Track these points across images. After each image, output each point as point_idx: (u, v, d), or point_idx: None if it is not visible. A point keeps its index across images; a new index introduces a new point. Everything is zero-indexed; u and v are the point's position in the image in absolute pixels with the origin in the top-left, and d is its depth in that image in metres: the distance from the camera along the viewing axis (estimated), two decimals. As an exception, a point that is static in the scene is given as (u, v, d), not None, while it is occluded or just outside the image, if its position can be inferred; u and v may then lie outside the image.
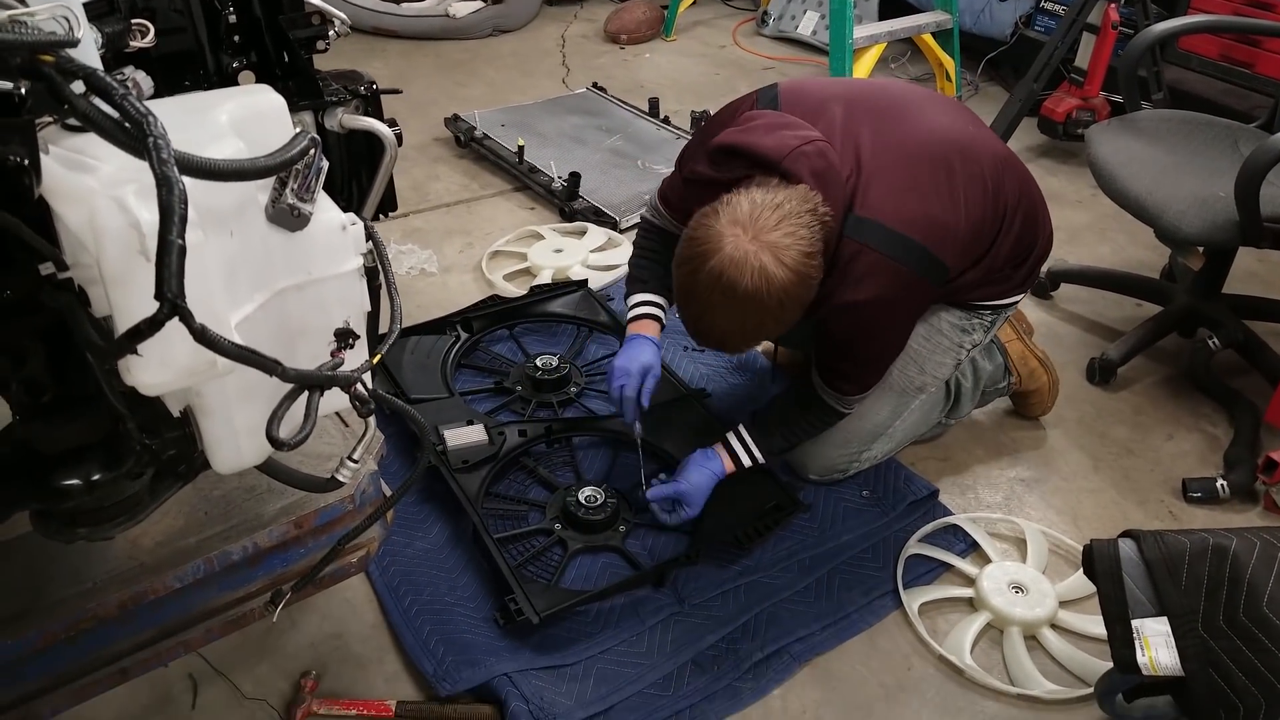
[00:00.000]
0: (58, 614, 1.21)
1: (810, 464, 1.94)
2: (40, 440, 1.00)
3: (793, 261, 1.44)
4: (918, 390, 1.91)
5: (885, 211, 1.55)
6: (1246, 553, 1.33)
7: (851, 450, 1.92)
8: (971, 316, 1.86)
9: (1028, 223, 1.77)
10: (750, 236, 1.43)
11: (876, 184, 1.56)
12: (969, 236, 1.65)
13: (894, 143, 1.62)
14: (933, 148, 1.64)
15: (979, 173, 1.67)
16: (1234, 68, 3.17)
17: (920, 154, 1.62)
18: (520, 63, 4.10)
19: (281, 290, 0.91)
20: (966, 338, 1.87)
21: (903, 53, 4.19)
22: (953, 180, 1.62)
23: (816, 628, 1.70)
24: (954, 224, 1.61)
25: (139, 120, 0.68)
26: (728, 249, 1.44)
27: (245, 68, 1.11)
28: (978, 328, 1.87)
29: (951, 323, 1.85)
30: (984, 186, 1.67)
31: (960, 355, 1.89)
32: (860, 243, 1.55)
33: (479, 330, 2.33)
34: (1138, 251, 2.86)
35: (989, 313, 1.87)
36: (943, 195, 1.60)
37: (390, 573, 1.75)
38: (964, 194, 1.62)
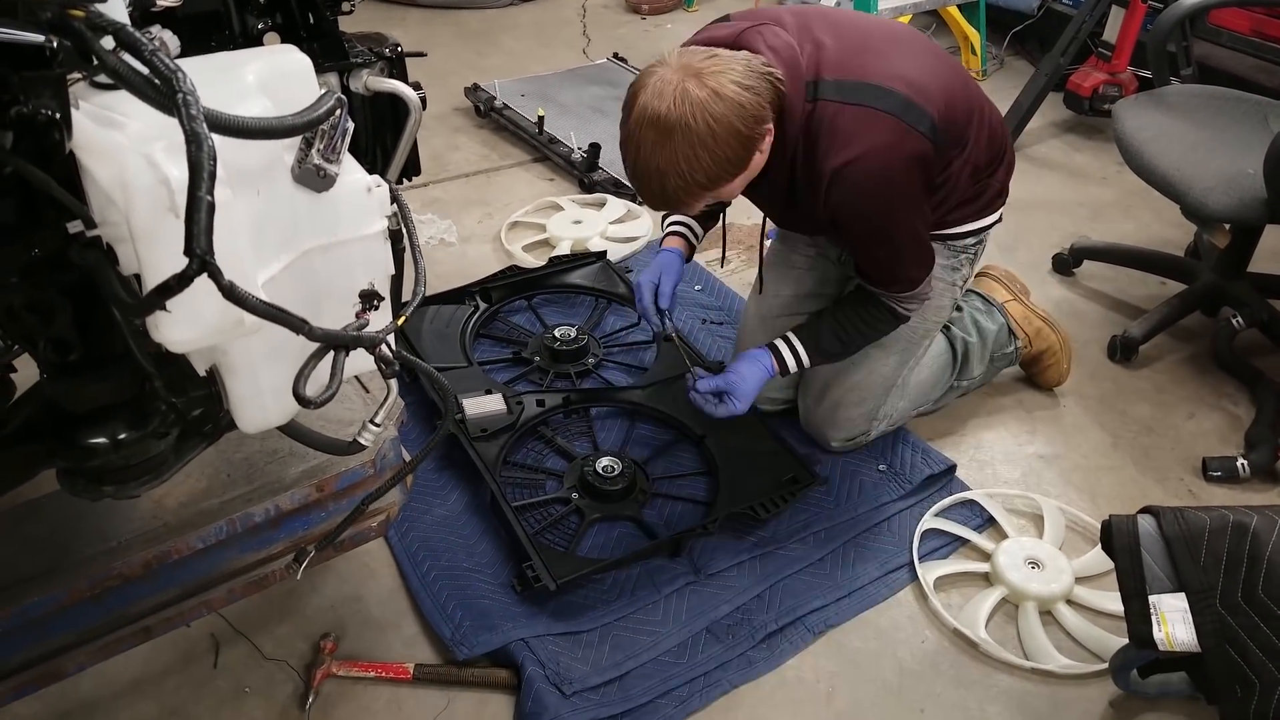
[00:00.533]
0: (84, 572, 1.23)
1: (831, 431, 1.94)
2: (67, 399, 1.01)
3: (718, 85, 1.41)
4: (922, 336, 1.91)
5: (855, 69, 1.54)
6: (1267, 530, 1.33)
7: (868, 408, 1.92)
8: (956, 251, 1.86)
9: (995, 126, 1.77)
10: (677, 70, 1.43)
11: (841, 51, 1.56)
12: (945, 103, 1.60)
13: (855, 29, 1.63)
14: (896, 30, 1.68)
15: (946, 56, 1.71)
16: (1265, 43, 3.12)
17: (883, 32, 1.65)
18: (540, 32, 4.08)
19: (307, 251, 0.92)
20: (957, 275, 1.88)
21: (928, 25, 4.13)
22: (918, 52, 1.64)
23: (831, 600, 1.70)
24: (929, 84, 1.58)
25: (169, 76, 0.69)
26: (652, 82, 1.43)
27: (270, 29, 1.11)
28: (965, 263, 1.89)
29: (941, 263, 1.83)
30: (953, 68, 1.69)
31: (955, 293, 1.90)
32: (837, 102, 1.52)
33: (498, 300, 2.34)
34: (1163, 229, 2.83)
35: (972, 240, 1.86)
36: (908, 59, 1.59)
37: (409, 538, 1.76)
38: (933, 65, 1.63)
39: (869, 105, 1.51)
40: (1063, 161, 3.21)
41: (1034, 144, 3.30)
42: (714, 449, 1.93)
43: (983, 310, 2.12)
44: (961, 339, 2.04)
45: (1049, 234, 2.79)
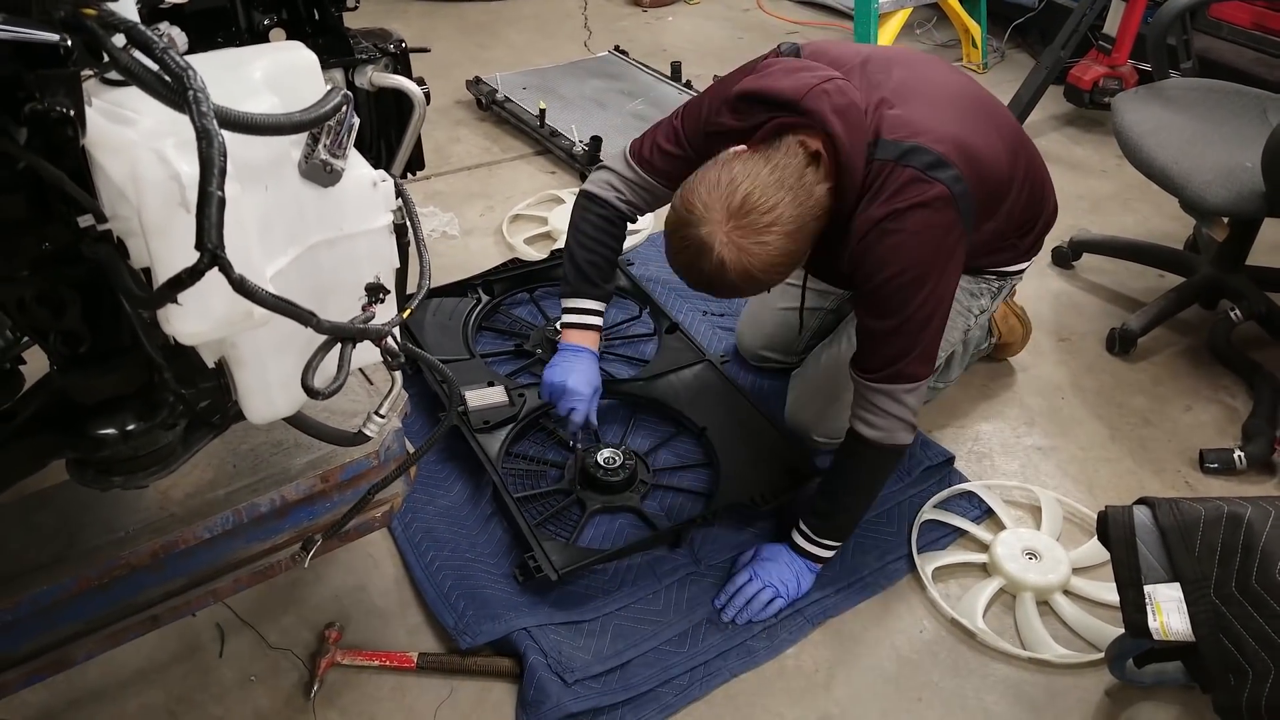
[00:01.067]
0: (92, 561, 1.24)
1: (817, 429, 1.93)
2: (77, 390, 1.03)
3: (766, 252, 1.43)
4: None
5: (915, 132, 1.51)
6: (1261, 520, 1.34)
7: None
8: (979, 282, 1.87)
9: (1036, 189, 1.78)
10: (724, 229, 1.42)
11: (904, 111, 1.53)
12: (991, 176, 1.60)
13: (919, 84, 1.60)
14: (958, 90, 1.65)
15: (1000, 122, 1.69)
16: (1266, 36, 3.13)
17: (946, 94, 1.62)
18: (542, 25, 4.08)
19: (314, 245, 0.93)
20: (975, 302, 1.89)
21: (929, 18, 4.14)
22: (978, 119, 1.62)
23: (831, 590, 1.72)
24: (980, 154, 1.56)
25: (179, 74, 0.70)
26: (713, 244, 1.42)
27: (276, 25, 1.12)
28: (985, 293, 1.89)
29: (962, 287, 1.82)
30: (1002, 135, 1.66)
31: (970, 320, 1.90)
32: (890, 161, 1.49)
33: (500, 293, 2.35)
34: (1162, 222, 2.85)
35: (995, 279, 1.88)
36: (967, 126, 1.57)
37: (412, 529, 1.78)
38: (986, 134, 1.61)
39: (920, 169, 1.48)
40: (1063, 154, 3.22)
41: (1034, 137, 3.28)
42: (714, 441, 1.95)
43: None
44: (950, 348, 2.04)
45: (1048, 227, 2.80)
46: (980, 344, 2.17)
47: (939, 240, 1.51)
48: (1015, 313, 2.22)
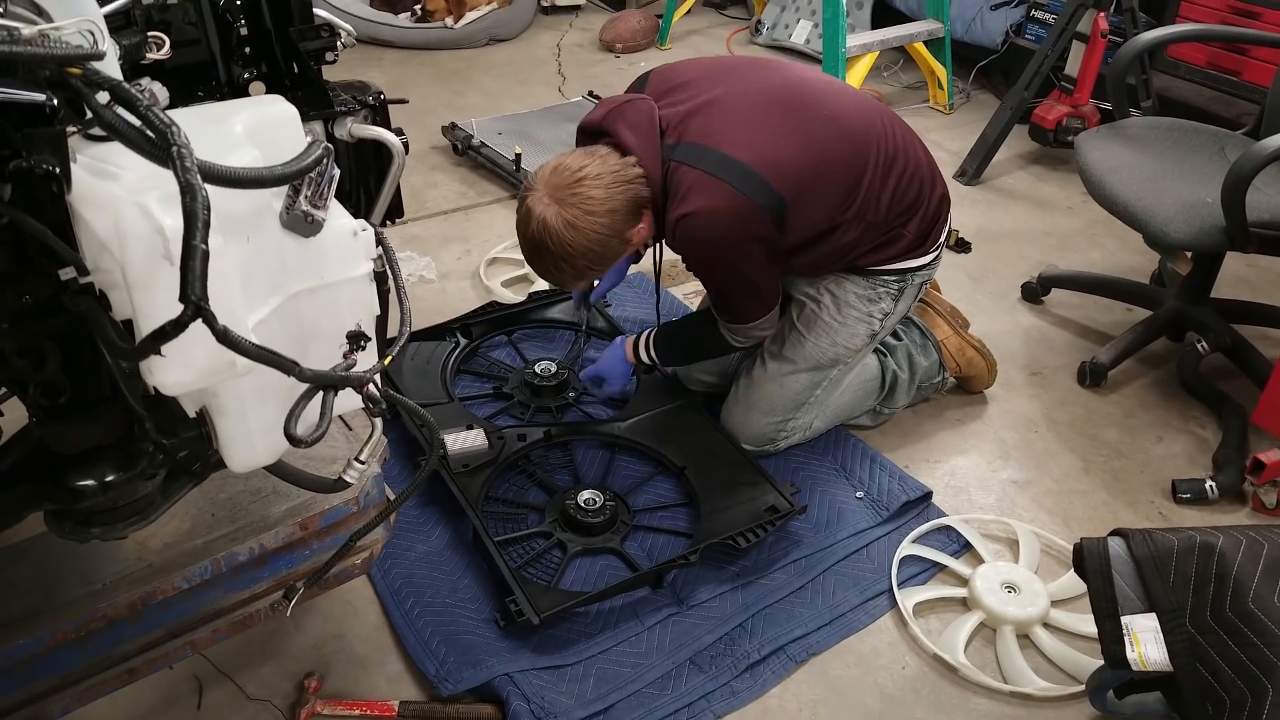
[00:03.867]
0: (68, 614, 1.23)
1: (741, 433, 2.04)
2: (57, 441, 1.02)
3: (574, 218, 1.66)
4: (831, 362, 1.99)
5: (715, 137, 1.72)
6: (1233, 549, 1.36)
7: (776, 420, 2.01)
8: (875, 285, 1.95)
9: (905, 181, 1.86)
10: (545, 193, 1.68)
11: (703, 120, 1.74)
12: (814, 169, 1.75)
13: (739, 93, 1.78)
14: (781, 91, 1.81)
15: (833, 115, 1.80)
16: (1221, 75, 3.22)
17: (765, 97, 1.79)
18: (516, 71, 4.13)
19: (295, 294, 0.94)
20: (875, 307, 1.96)
21: (895, 61, 4.23)
22: (791, 117, 1.77)
23: (813, 628, 1.72)
24: (788, 153, 1.73)
25: (163, 130, 0.71)
26: (527, 205, 1.69)
27: (256, 78, 1.14)
28: (884, 296, 1.96)
29: (857, 293, 1.95)
30: (840, 128, 1.79)
31: (874, 326, 1.98)
32: (681, 163, 1.72)
33: (478, 336, 2.36)
34: (1128, 257, 2.90)
35: (893, 279, 1.95)
36: (774, 128, 1.75)
37: (392, 575, 1.77)
38: (808, 129, 1.76)
39: (708, 171, 1.70)
40: (1029, 192, 3.29)
41: (1001, 175, 3.38)
42: (694, 480, 1.96)
43: (919, 345, 2.20)
44: (893, 370, 2.13)
45: (1017, 263, 2.85)
46: (932, 377, 2.20)
47: (729, 232, 1.73)
48: (973, 345, 2.25)
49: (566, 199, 1.66)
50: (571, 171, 1.68)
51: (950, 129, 3.71)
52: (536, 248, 1.71)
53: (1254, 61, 3.10)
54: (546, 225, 1.66)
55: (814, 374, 2.00)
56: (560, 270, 1.75)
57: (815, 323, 1.97)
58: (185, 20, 1.08)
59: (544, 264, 1.75)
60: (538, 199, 1.68)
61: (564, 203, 1.66)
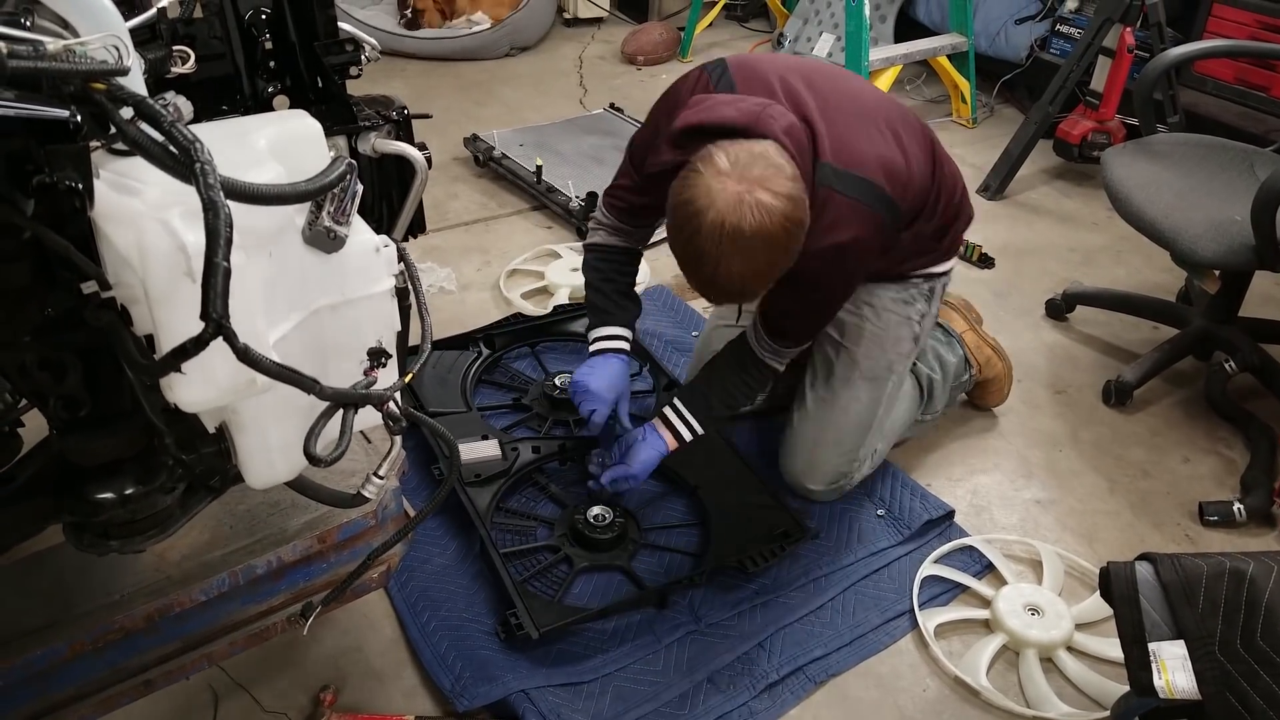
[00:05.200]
0: (86, 625, 1.23)
1: (812, 476, 1.95)
2: (76, 454, 1.03)
3: (784, 189, 1.46)
4: (887, 371, 1.94)
5: (848, 158, 1.60)
6: (1264, 576, 1.33)
7: (846, 450, 1.94)
8: (908, 287, 1.92)
9: (950, 193, 1.84)
10: (736, 179, 1.44)
11: (832, 133, 1.61)
12: (916, 185, 1.70)
13: (837, 101, 1.67)
14: (875, 104, 1.74)
15: (919, 129, 1.77)
16: (1250, 91, 3.18)
17: (865, 109, 1.70)
18: (538, 83, 4.14)
19: (317, 310, 0.93)
20: (912, 309, 1.93)
21: (918, 74, 4.21)
22: (895, 130, 1.70)
23: (833, 648, 1.70)
24: (904, 169, 1.67)
25: (187, 147, 0.71)
26: (720, 198, 1.43)
27: (280, 92, 1.14)
28: (917, 298, 1.93)
29: (892, 297, 1.91)
30: (923, 143, 1.75)
31: (914, 328, 1.94)
32: (829, 188, 1.59)
33: (501, 347, 2.36)
34: (1154, 274, 2.87)
35: (922, 281, 1.92)
36: (889, 142, 1.67)
37: (409, 589, 1.76)
38: (908, 144, 1.70)
39: (856, 198, 1.59)
40: (1053, 208, 3.26)
41: (1025, 190, 3.35)
42: (706, 501, 1.94)
43: (943, 342, 2.17)
44: (927, 375, 2.09)
45: (1041, 279, 2.82)
46: (960, 375, 2.17)
47: (862, 262, 1.69)
48: (989, 343, 2.22)
49: (767, 178, 1.44)
50: (745, 155, 1.46)
51: (973, 143, 3.69)
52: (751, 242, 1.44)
53: (1283, 77, 3.07)
54: (762, 206, 1.42)
55: (872, 389, 1.93)
56: (775, 265, 1.51)
57: (861, 335, 1.91)
58: (210, 35, 1.08)
59: (758, 266, 1.49)
60: (724, 186, 1.43)
61: (761, 181, 1.44)
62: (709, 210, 1.44)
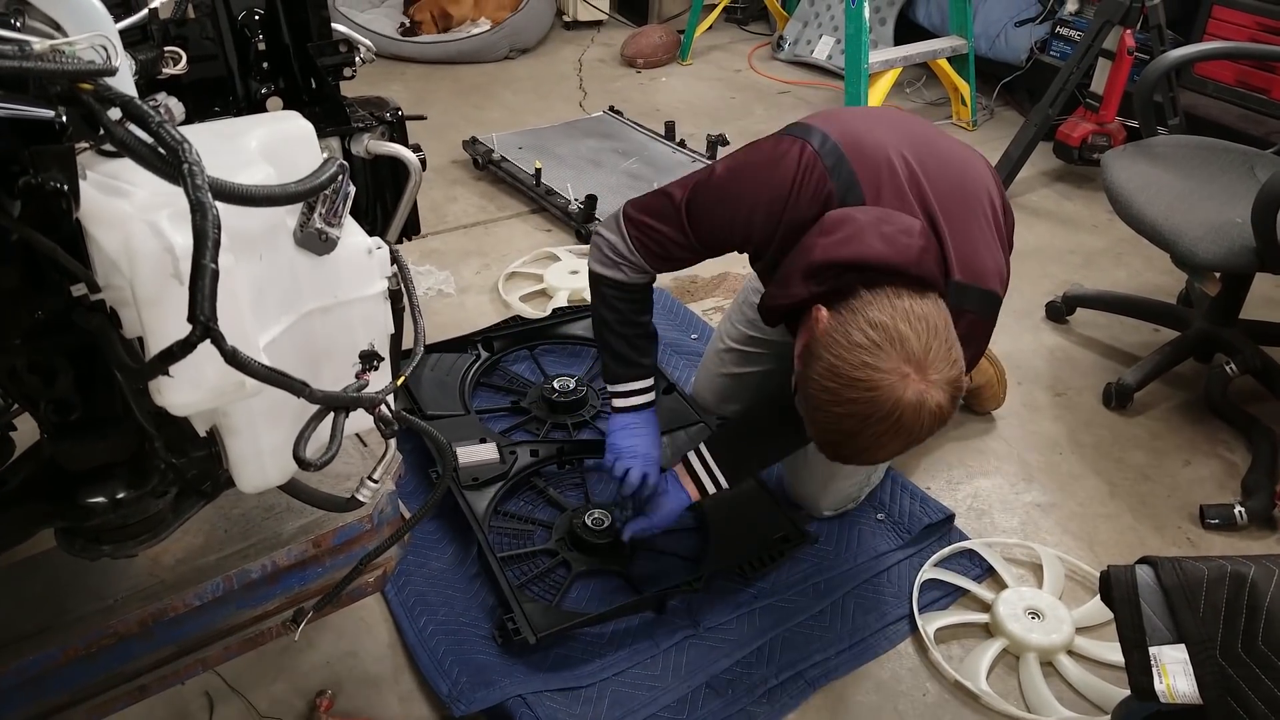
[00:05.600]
0: (79, 630, 1.22)
1: (822, 501, 1.92)
2: (67, 458, 1.02)
3: (955, 376, 1.36)
4: None
5: (972, 272, 1.50)
6: (1265, 580, 1.32)
7: (860, 477, 1.92)
8: None
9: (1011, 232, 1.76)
10: (921, 377, 1.32)
11: (957, 244, 1.50)
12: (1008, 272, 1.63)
13: (948, 191, 1.54)
14: (973, 181, 1.61)
15: (997, 193, 1.68)
16: (1250, 93, 3.18)
17: (971, 200, 1.57)
18: (537, 86, 4.14)
19: (308, 312, 0.93)
20: None
21: (918, 77, 4.21)
22: (995, 216, 1.60)
23: (832, 652, 1.69)
24: (1006, 262, 1.60)
25: (175, 147, 0.70)
26: (908, 397, 1.32)
27: (273, 94, 1.13)
28: None
29: None
30: (1001, 207, 1.66)
31: None
32: (960, 308, 1.47)
33: (500, 350, 2.35)
34: (1154, 276, 2.86)
35: None
36: (994, 237, 1.58)
37: (405, 592, 1.75)
38: (1000, 225, 1.62)
39: (981, 316, 1.52)
40: (1053, 210, 3.25)
41: (1025, 193, 3.35)
42: (705, 505, 1.92)
43: None
44: None
45: (1041, 281, 2.81)
46: None
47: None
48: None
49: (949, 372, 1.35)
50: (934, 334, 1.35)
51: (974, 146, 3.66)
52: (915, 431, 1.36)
53: (1283, 79, 3.06)
54: (942, 414, 1.35)
55: None
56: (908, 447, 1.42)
57: None
58: (203, 35, 1.07)
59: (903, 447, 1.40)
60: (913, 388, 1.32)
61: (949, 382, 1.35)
62: (888, 404, 1.32)
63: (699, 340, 2.48)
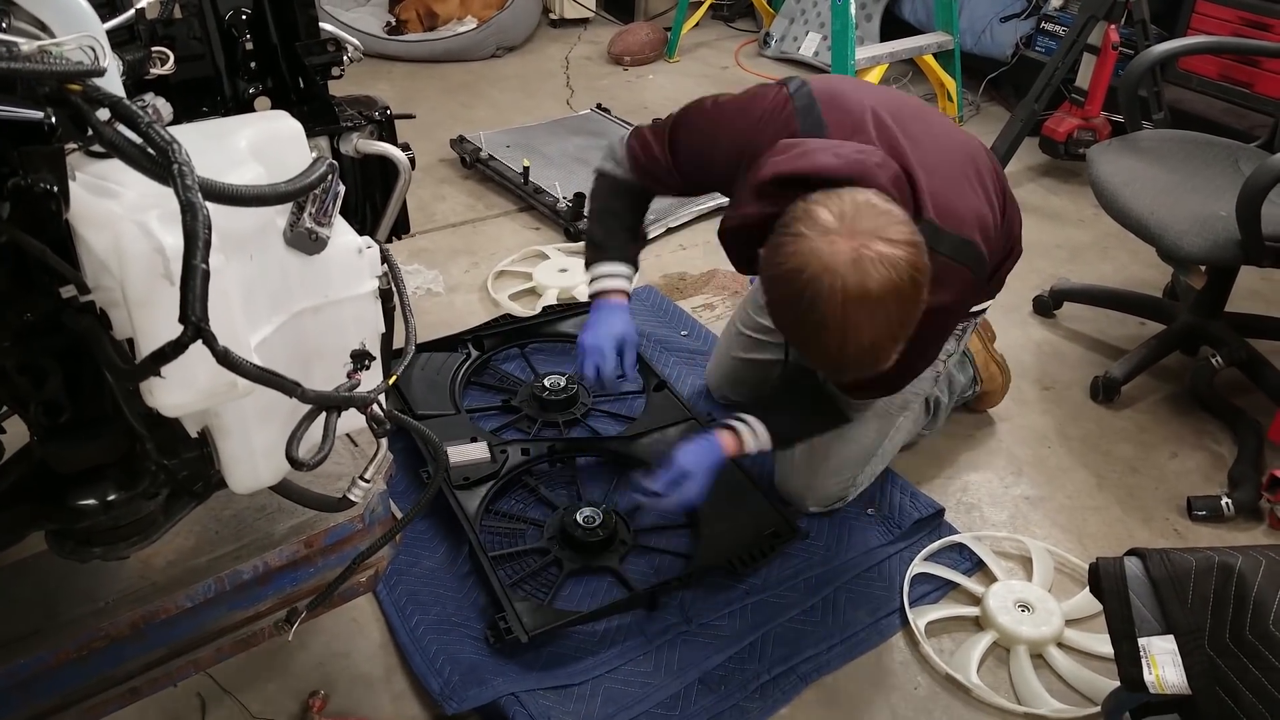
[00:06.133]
0: (70, 633, 1.21)
1: (809, 497, 1.93)
2: (58, 461, 1.01)
3: (902, 234, 1.30)
4: (901, 408, 1.90)
5: (949, 215, 1.48)
6: (1252, 570, 1.34)
7: (845, 477, 1.92)
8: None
9: (1011, 235, 1.79)
10: (847, 235, 1.27)
11: (933, 187, 1.48)
12: (999, 234, 1.64)
13: (931, 145, 1.55)
14: (962, 148, 1.64)
15: (995, 171, 1.70)
16: (1234, 87, 3.20)
17: (955, 155, 1.59)
18: (524, 84, 4.13)
19: (299, 312, 0.93)
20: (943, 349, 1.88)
21: (904, 73, 4.22)
22: (982, 178, 1.61)
23: (823, 647, 1.70)
24: (993, 220, 1.59)
25: (164, 148, 0.70)
26: (835, 259, 1.26)
27: (261, 93, 1.13)
28: (952, 338, 1.87)
29: None
30: (998, 186, 1.68)
31: (938, 368, 1.90)
32: (932, 250, 1.39)
33: (490, 348, 2.35)
34: (1140, 270, 2.88)
35: (964, 320, 1.88)
36: (979, 192, 1.58)
37: (397, 591, 1.75)
38: (991, 192, 1.62)
39: (959, 260, 1.49)
40: (1040, 204, 3.27)
41: (1012, 187, 3.35)
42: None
43: (958, 363, 2.16)
44: (935, 396, 2.07)
45: (1029, 276, 2.83)
46: (965, 390, 2.18)
47: (953, 321, 1.64)
48: (995, 360, 2.23)
49: (882, 229, 1.29)
50: (861, 205, 1.31)
51: (960, 141, 3.69)
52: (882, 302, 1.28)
53: (1266, 74, 3.09)
54: (885, 259, 1.26)
55: (881, 423, 1.89)
56: (909, 319, 1.34)
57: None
58: (190, 35, 1.07)
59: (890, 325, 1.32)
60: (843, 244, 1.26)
61: (884, 233, 1.29)
62: (824, 274, 1.26)
63: (689, 337, 2.49)
